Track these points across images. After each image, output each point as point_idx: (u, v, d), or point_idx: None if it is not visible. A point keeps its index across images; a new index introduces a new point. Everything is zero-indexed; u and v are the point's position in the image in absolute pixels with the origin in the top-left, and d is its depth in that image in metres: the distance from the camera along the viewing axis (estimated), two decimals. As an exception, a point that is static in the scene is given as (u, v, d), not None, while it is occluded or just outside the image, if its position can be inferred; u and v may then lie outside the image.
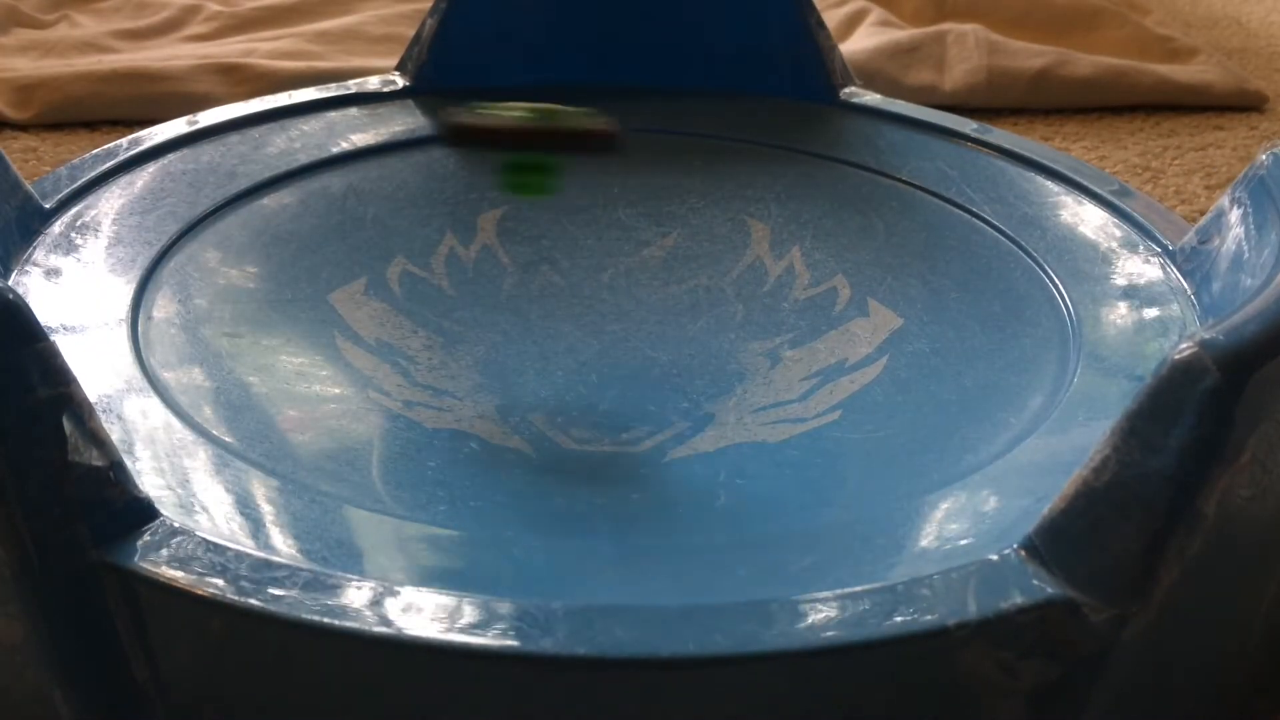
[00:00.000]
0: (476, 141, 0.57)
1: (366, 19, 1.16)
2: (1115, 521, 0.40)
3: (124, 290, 0.57)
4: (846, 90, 0.78)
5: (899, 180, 0.71)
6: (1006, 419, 0.53)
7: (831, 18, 1.16)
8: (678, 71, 0.78)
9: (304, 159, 0.69)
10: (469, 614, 0.40)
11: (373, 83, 0.77)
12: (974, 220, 0.67)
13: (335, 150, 0.71)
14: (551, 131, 0.56)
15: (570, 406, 0.54)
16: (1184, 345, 0.39)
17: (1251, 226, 0.56)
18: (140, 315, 0.56)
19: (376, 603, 0.40)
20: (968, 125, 0.75)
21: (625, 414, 0.54)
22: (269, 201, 0.66)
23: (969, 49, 1.10)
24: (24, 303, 0.40)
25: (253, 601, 0.40)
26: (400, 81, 0.76)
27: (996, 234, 0.66)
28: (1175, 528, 0.40)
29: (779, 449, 0.52)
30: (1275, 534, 0.44)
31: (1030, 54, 1.10)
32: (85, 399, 0.41)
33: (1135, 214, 0.66)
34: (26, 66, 1.04)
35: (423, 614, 0.40)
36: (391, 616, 0.39)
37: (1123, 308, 0.59)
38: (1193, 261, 0.61)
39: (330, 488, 0.48)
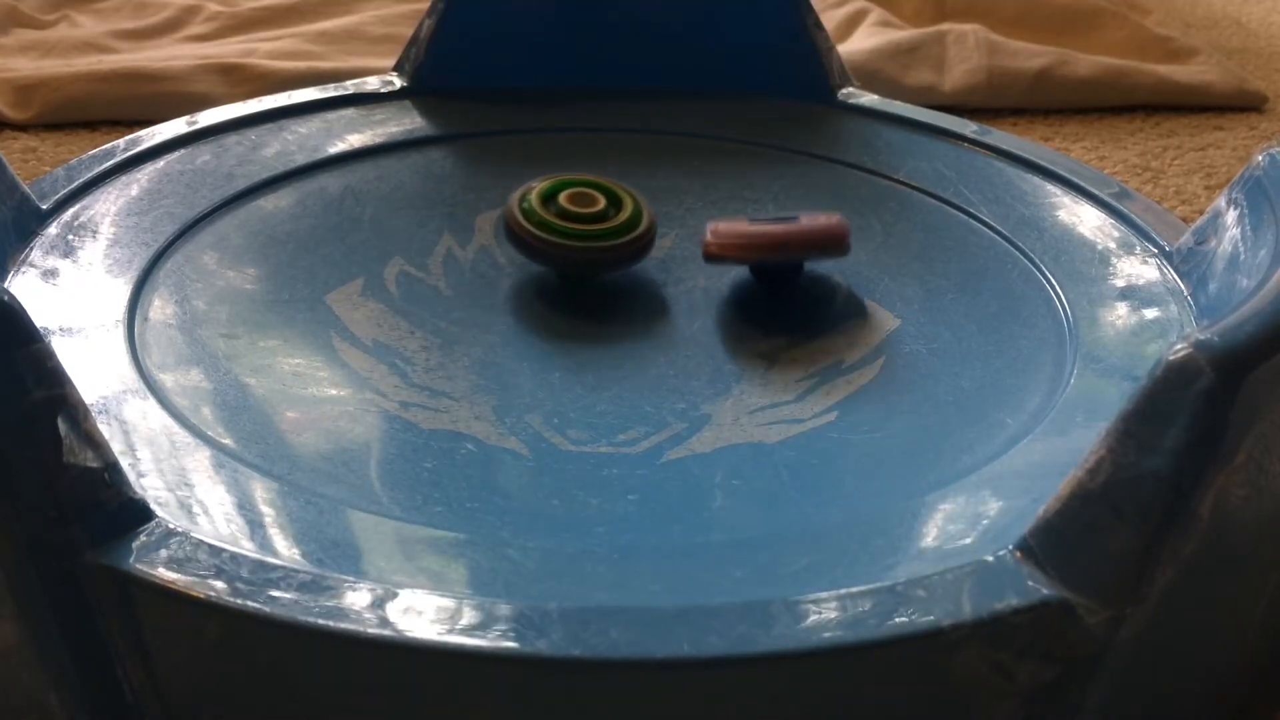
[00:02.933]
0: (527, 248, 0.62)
1: (366, 19, 1.16)
2: (1110, 523, 0.40)
3: (121, 291, 0.57)
4: (844, 91, 0.78)
5: (897, 181, 0.71)
6: (1003, 420, 0.53)
7: (831, 18, 1.17)
8: (675, 72, 0.78)
9: (301, 160, 0.70)
10: (465, 615, 0.40)
11: (371, 83, 0.77)
12: (971, 221, 0.67)
13: (333, 151, 0.71)
14: (592, 254, 0.61)
15: (567, 408, 0.54)
16: (1179, 346, 0.39)
17: (1248, 227, 0.56)
18: (137, 316, 0.56)
19: (373, 604, 0.40)
20: (967, 126, 0.76)
21: (622, 415, 0.54)
22: (266, 203, 0.66)
23: (969, 49, 1.10)
24: (19, 304, 0.40)
25: (249, 603, 0.40)
26: (398, 82, 0.77)
27: (994, 235, 0.66)
28: (1170, 529, 0.40)
29: (775, 450, 0.52)
30: (1270, 534, 0.44)
31: (1030, 54, 1.10)
32: (80, 400, 0.41)
33: (1132, 215, 0.66)
34: (26, 66, 1.04)
35: (419, 615, 0.40)
36: (388, 618, 0.40)
37: (1119, 309, 0.59)
38: (1189, 262, 0.61)
39: (327, 489, 0.48)
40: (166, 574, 0.40)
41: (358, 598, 0.40)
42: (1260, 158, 0.57)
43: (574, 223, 0.61)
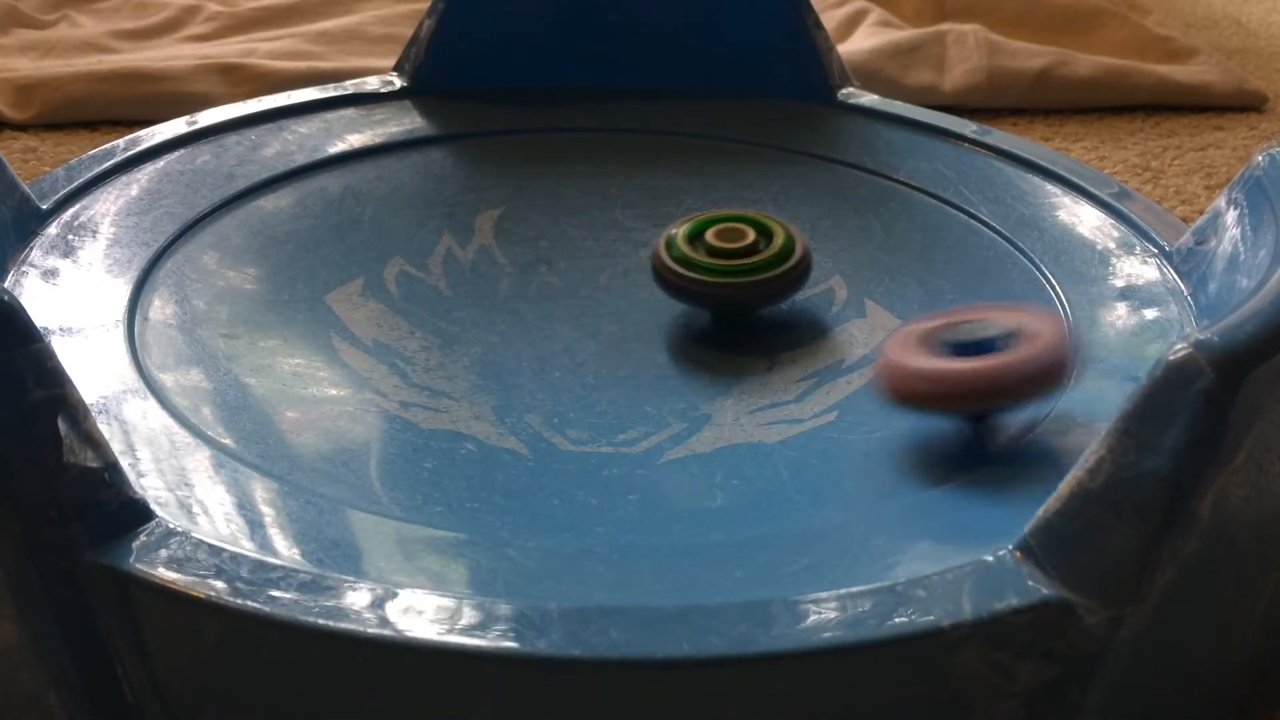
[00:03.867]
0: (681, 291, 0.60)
1: (366, 19, 1.16)
2: (1110, 523, 0.40)
3: (121, 291, 0.57)
4: (844, 91, 0.78)
5: (896, 181, 0.71)
6: (1003, 420, 0.53)
7: (831, 18, 1.16)
8: (675, 72, 0.78)
9: (301, 160, 0.70)
10: (465, 615, 0.40)
11: (371, 83, 0.77)
12: (971, 221, 0.67)
13: (333, 151, 0.71)
14: (751, 287, 0.59)
15: (567, 408, 0.54)
16: (1178, 346, 0.39)
17: (1248, 227, 0.56)
18: (137, 316, 0.56)
19: (373, 604, 0.40)
20: (967, 127, 0.76)
21: (622, 415, 0.54)
22: (266, 202, 0.66)
23: (969, 49, 1.10)
24: (19, 304, 0.40)
25: (248, 603, 0.40)
26: (398, 82, 0.77)
27: (994, 235, 0.66)
28: (1170, 529, 0.40)
29: (775, 450, 0.52)
30: (1270, 534, 0.44)
31: (1030, 54, 1.10)
32: (80, 400, 0.41)
33: (1132, 215, 0.66)
34: (26, 66, 1.04)
35: (419, 615, 0.40)
36: (388, 618, 0.40)
37: (1119, 309, 0.59)
38: (1189, 262, 0.61)
39: (327, 489, 0.48)
40: (166, 574, 0.40)
41: (358, 598, 0.40)
42: (1260, 158, 0.57)
43: (725, 259, 0.59)
